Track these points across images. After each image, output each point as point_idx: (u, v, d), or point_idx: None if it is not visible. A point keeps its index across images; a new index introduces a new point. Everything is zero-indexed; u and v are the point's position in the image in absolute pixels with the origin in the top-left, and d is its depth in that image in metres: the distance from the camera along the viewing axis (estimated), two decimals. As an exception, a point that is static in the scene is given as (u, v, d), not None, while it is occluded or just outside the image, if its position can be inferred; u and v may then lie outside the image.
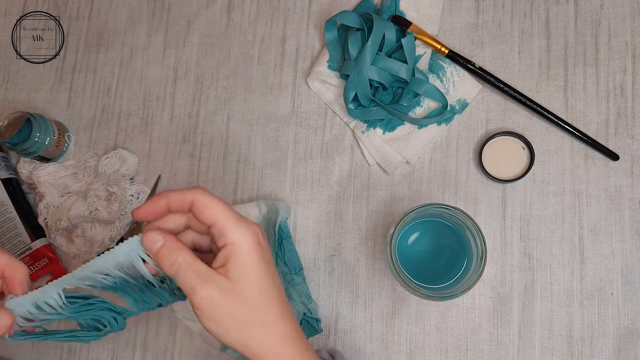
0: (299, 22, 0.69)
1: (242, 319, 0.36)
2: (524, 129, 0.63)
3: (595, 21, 0.64)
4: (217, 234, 0.36)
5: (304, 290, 0.61)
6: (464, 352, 0.59)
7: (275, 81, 0.69)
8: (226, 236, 0.35)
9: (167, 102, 0.70)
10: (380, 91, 0.64)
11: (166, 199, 0.36)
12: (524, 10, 0.65)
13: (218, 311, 0.35)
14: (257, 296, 0.36)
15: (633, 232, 0.59)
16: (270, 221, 0.63)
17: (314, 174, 0.66)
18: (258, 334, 0.36)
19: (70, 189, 0.68)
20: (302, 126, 0.67)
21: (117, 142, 0.70)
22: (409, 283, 0.52)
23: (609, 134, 0.61)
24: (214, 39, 0.71)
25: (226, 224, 0.35)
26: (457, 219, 0.53)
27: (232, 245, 0.35)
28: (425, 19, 0.65)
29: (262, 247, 0.36)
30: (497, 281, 0.60)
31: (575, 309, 0.59)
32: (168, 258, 0.35)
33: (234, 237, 0.35)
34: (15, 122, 0.65)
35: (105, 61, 0.73)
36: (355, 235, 0.64)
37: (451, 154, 0.64)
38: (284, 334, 0.37)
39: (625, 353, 0.57)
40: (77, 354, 0.66)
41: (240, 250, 0.35)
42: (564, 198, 0.61)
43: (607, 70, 0.62)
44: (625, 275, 0.59)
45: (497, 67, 0.64)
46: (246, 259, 0.35)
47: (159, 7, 0.73)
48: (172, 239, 0.36)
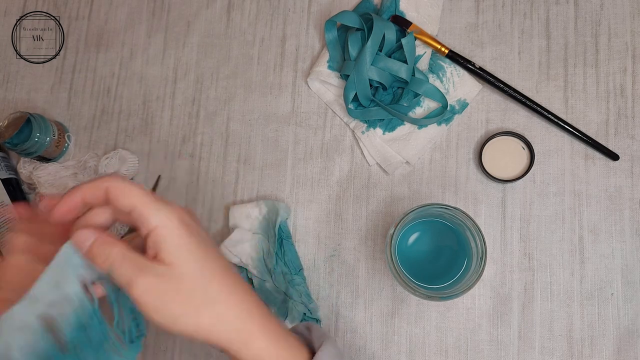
0: (299, 22, 0.69)
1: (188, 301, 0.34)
2: (524, 129, 0.63)
3: (595, 21, 0.64)
4: (139, 220, 0.34)
5: (304, 290, 0.61)
6: (464, 352, 0.59)
7: (275, 81, 0.69)
8: (148, 221, 0.34)
9: (167, 102, 0.70)
10: (380, 91, 0.64)
11: (80, 191, 0.35)
12: (524, 11, 0.65)
13: (161, 298, 0.33)
14: (198, 274, 0.34)
15: (633, 232, 0.59)
16: (270, 221, 0.63)
17: (314, 174, 0.66)
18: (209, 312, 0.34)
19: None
20: (302, 126, 0.67)
21: (117, 143, 0.70)
22: (409, 283, 0.52)
23: (609, 134, 0.61)
24: (214, 39, 0.71)
25: (144, 208, 0.34)
26: (457, 219, 0.53)
27: (156, 229, 0.34)
28: (425, 19, 0.65)
29: (187, 224, 0.35)
30: (497, 281, 0.60)
31: (575, 309, 0.59)
32: (101, 253, 0.34)
33: (156, 221, 0.34)
34: (15, 122, 0.65)
35: (105, 61, 0.73)
36: (355, 235, 0.64)
37: (451, 154, 0.64)
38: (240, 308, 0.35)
39: (625, 353, 0.57)
40: (77, 354, 0.66)
41: (165, 232, 0.34)
42: (564, 198, 0.61)
43: (607, 71, 0.62)
44: (625, 275, 0.59)
45: (497, 67, 0.64)
46: (174, 239, 0.34)
47: (159, 7, 0.73)
48: (103, 234, 0.34)
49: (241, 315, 0.35)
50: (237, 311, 0.35)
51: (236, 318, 0.35)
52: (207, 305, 0.34)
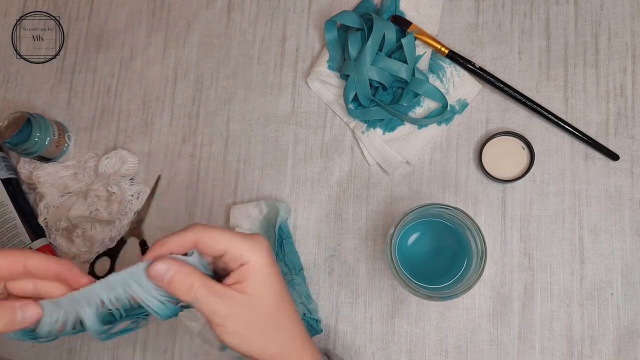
0: (299, 22, 0.69)
1: (263, 330, 0.37)
2: (524, 129, 0.63)
3: (595, 21, 0.64)
4: (231, 259, 0.37)
5: (304, 290, 0.61)
6: (464, 352, 0.59)
7: (275, 81, 0.69)
8: (241, 258, 0.37)
9: (167, 102, 0.70)
10: (380, 91, 0.64)
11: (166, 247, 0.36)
12: (524, 11, 0.65)
13: (240, 326, 0.36)
14: (275, 307, 0.38)
15: (633, 232, 0.59)
16: (270, 221, 0.63)
17: (314, 174, 0.66)
18: (279, 341, 0.38)
19: (70, 189, 0.68)
20: (302, 126, 0.67)
21: (117, 143, 0.70)
22: (409, 283, 0.52)
23: (609, 134, 0.61)
24: (214, 39, 0.71)
25: (238, 249, 0.36)
26: (457, 219, 0.53)
27: (248, 264, 0.37)
28: (425, 19, 0.65)
29: (272, 259, 0.38)
30: (497, 281, 0.60)
31: (575, 309, 0.59)
32: (184, 285, 0.35)
33: (249, 258, 0.37)
34: (15, 122, 0.65)
35: (105, 61, 0.73)
36: (355, 235, 0.64)
37: (451, 154, 0.64)
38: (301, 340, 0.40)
39: (625, 353, 0.57)
40: (78, 353, 0.66)
41: (255, 267, 0.37)
42: (564, 198, 0.61)
43: (607, 71, 0.62)
44: (625, 275, 0.59)
45: (497, 67, 0.64)
46: (263, 275, 0.37)
47: (159, 7, 0.73)
48: (180, 264, 0.36)
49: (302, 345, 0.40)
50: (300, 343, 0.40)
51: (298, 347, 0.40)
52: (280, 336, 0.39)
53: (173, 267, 0.35)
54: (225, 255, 0.37)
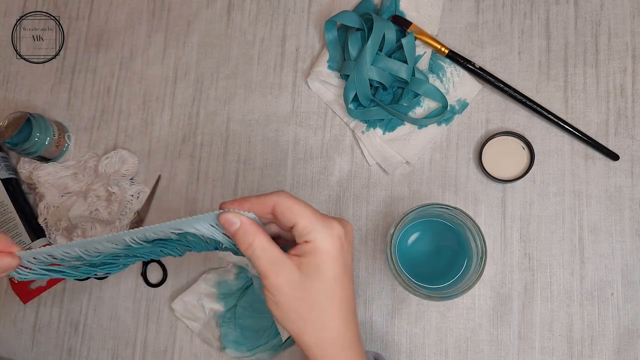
0: (299, 22, 0.69)
1: (302, 314, 0.37)
2: (524, 129, 0.63)
3: (595, 21, 0.64)
4: (298, 234, 0.37)
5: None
6: (464, 352, 0.59)
7: (275, 81, 0.69)
8: (307, 236, 0.37)
9: (167, 102, 0.70)
10: (380, 91, 0.64)
11: (248, 203, 0.38)
12: (524, 11, 0.65)
13: (284, 300, 0.37)
14: (322, 297, 0.37)
15: (633, 232, 0.59)
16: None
17: (314, 174, 0.66)
18: (313, 332, 0.38)
19: (70, 189, 0.68)
20: (302, 126, 0.67)
21: (117, 142, 0.70)
22: (409, 283, 0.52)
23: (609, 134, 0.61)
24: (214, 39, 0.71)
25: (306, 227, 0.37)
26: (457, 219, 0.53)
27: (313, 243, 0.37)
28: (425, 19, 0.65)
29: (341, 254, 0.37)
30: (497, 281, 0.60)
31: (575, 309, 0.59)
32: (245, 240, 0.37)
33: (315, 237, 0.36)
34: (15, 122, 0.65)
35: (105, 61, 0.73)
36: (355, 235, 0.63)
37: (451, 154, 0.64)
38: (339, 340, 0.38)
39: (625, 353, 0.57)
40: (77, 353, 0.66)
41: (317, 250, 0.37)
42: (564, 198, 0.61)
43: (607, 71, 0.62)
44: (625, 275, 0.59)
45: (497, 67, 0.64)
46: (322, 260, 0.37)
47: (159, 7, 0.73)
48: (247, 222, 0.37)
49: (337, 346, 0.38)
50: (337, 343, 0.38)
51: (331, 347, 0.38)
52: (316, 326, 0.38)
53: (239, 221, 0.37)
54: (294, 229, 0.37)
